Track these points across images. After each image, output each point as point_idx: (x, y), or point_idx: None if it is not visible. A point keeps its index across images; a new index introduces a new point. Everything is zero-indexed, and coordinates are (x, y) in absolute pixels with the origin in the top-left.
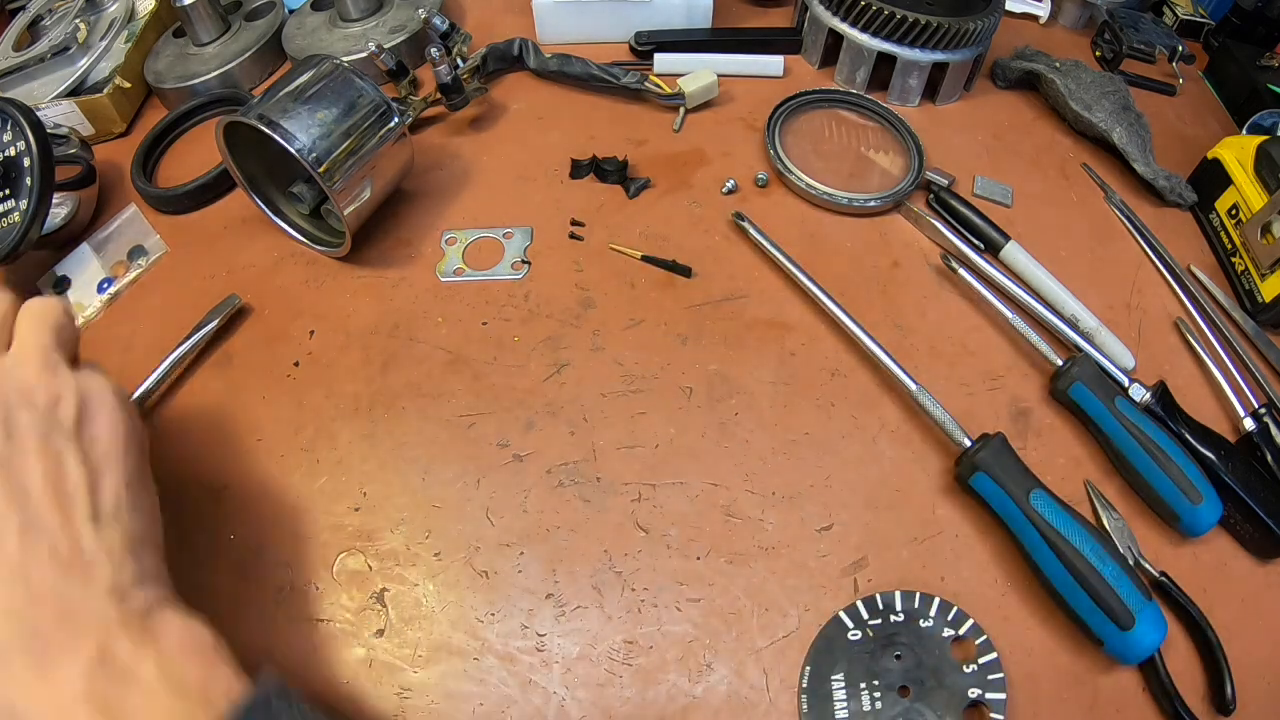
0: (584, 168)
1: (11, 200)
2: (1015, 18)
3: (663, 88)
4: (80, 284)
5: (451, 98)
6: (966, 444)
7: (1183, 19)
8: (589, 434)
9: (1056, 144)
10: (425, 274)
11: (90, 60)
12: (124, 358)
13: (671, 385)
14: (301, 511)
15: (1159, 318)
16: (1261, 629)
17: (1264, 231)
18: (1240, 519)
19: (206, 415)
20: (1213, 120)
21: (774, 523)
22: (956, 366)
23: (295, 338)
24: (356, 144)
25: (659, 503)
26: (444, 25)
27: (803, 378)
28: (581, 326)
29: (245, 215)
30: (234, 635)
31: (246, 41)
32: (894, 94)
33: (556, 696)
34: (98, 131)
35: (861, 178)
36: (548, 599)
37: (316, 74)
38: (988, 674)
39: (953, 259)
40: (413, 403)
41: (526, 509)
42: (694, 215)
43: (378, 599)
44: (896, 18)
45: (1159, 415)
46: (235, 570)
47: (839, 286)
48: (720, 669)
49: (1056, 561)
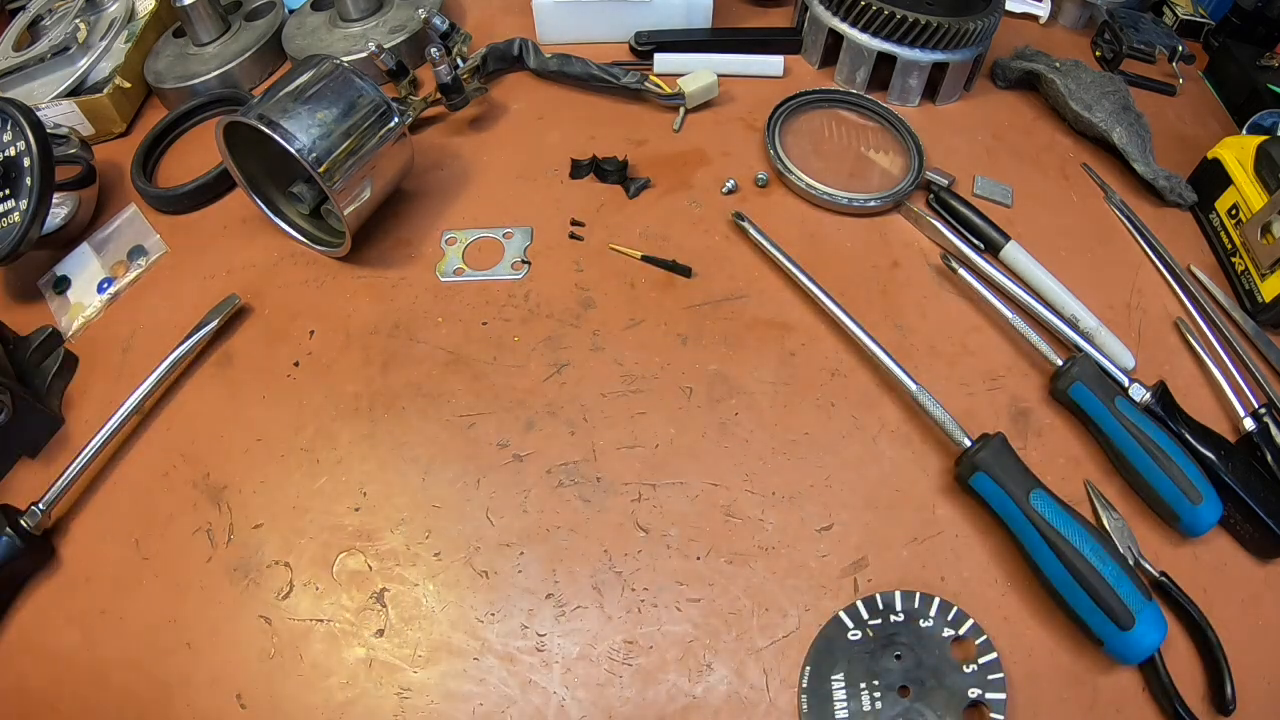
0: (584, 168)
1: (11, 200)
2: (1015, 18)
3: (663, 88)
4: (80, 284)
5: (451, 98)
6: (966, 444)
7: (1183, 19)
8: (589, 434)
9: (1056, 144)
10: (425, 274)
11: (90, 60)
12: (124, 358)
13: (671, 385)
14: (301, 511)
15: (1159, 318)
16: (1261, 629)
17: (1264, 231)
18: (1240, 519)
19: (206, 415)
20: (1213, 120)
21: (774, 523)
22: (956, 366)
23: (295, 338)
24: (356, 144)
25: (659, 503)
26: (444, 25)
27: (803, 378)
28: (581, 326)
29: (245, 215)
30: (234, 636)
31: (246, 41)
32: (894, 94)
33: (556, 696)
34: (98, 131)
35: (861, 178)
36: (548, 599)
37: (316, 74)
38: (988, 674)
39: (953, 259)
40: (413, 403)
41: (526, 509)
42: (694, 215)
43: (378, 599)
44: (896, 18)
45: (1159, 415)
46: (235, 570)
47: (839, 286)
48: (720, 669)
49: (1056, 561)
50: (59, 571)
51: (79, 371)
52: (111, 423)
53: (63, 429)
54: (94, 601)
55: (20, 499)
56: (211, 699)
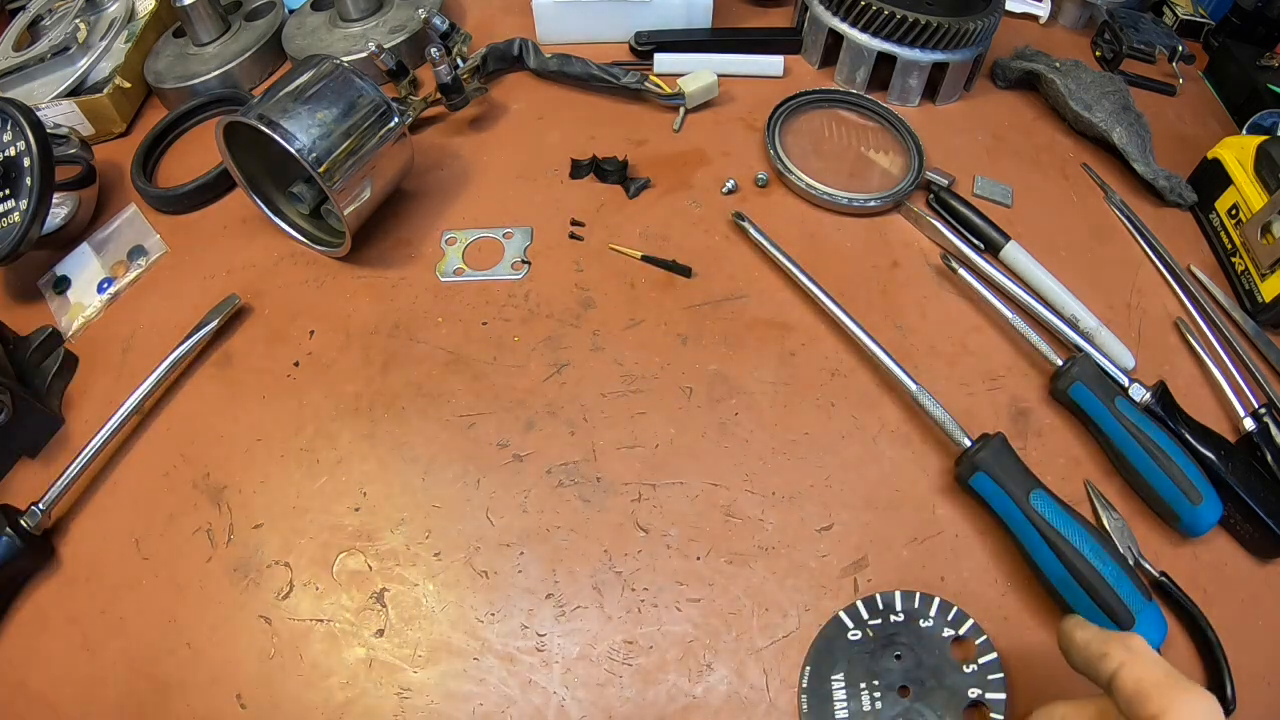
0: (584, 168)
1: (11, 200)
2: (1015, 18)
3: (663, 88)
4: (80, 284)
5: (451, 98)
6: (966, 444)
7: (1183, 19)
8: (589, 434)
9: (1056, 144)
10: (425, 274)
11: (90, 60)
12: (124, 358)
13: (671, 385)
14: (301, 511)
15: (1159, 318)
16: (1261, 629)
17: (1264, 231)
18: (1240, 519)
19: (206, 415)
20: (1213, 120)
21: (774, 523)
22: (956, 366)
23: (295, 338)
24: (356, 144)
25: (659, 503)
26: (444, 25)
27: (803, 378)
28: (581, 326)
29: (245, 215)
30: (234, 636)
31: (246, 41)
32: (894, 94)
33: (556, 696)
34: (98, 131)
35: (861, 178)
36: (548, 599)
37: (316, 74)
38: (988, 674)
39: (953, 259)
40: (413, 403)
41: (526, 509)
42: (694, 215)
43: (378, 599)
44: (896, 18)
45: (1159, 415)
46: (235, 570)
47: (839, 286)
48: (720, 669)
49: (1056, 561)
50: (59, 571)
51: (79, 371)
52: (111, 423)
53: (63, 429)
54: (94, 601)
55: (20, 499)
56: (211, 699)
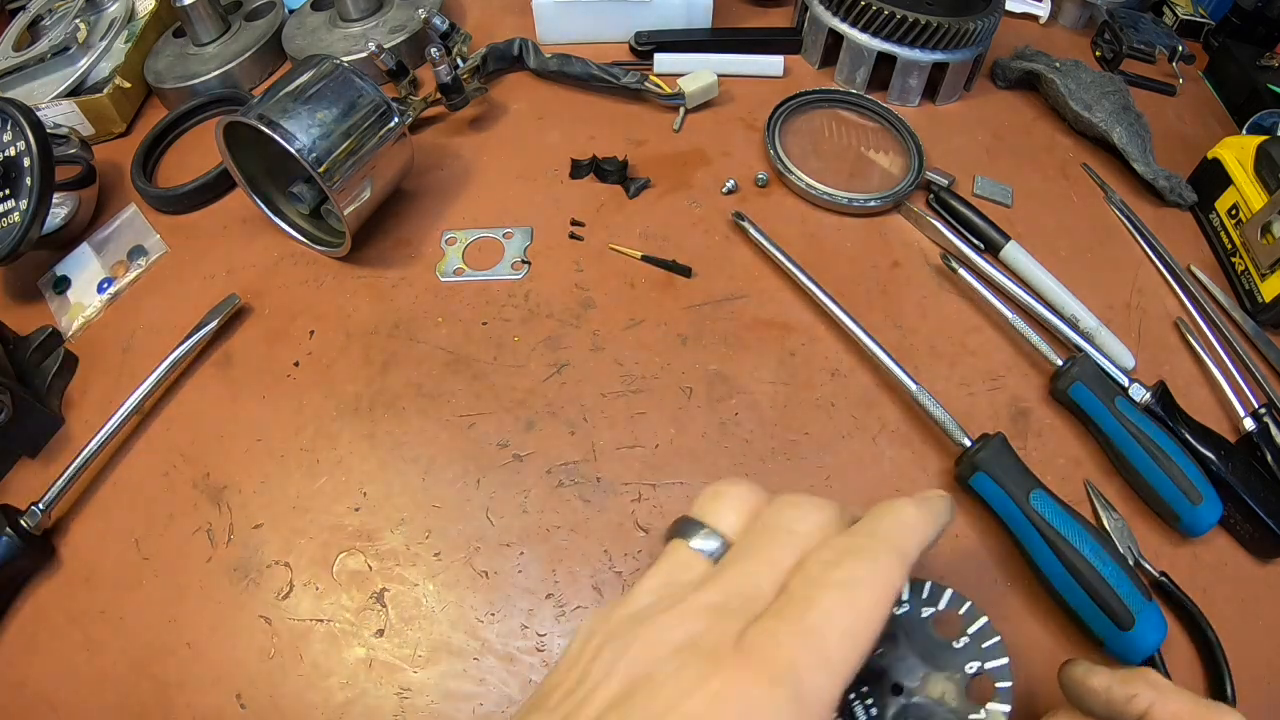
0: (584, 168)
1: (11, 200)
2: (1015, 18)
3: (663, 88)
4: (80, 284)
5: (451, 98)
6: (966, 444)
7: (1183, 19)
8: (589, 434)
9: (1056, 144)
10: (425, 274)
11: (90, 60)
12: (124, 358)
13: (671, 385)
14: (301, 511)
15: (1159, 318)
16: (1261, 629)
17: (1264, 231)
18: (1240, 519)
19: (206, 415)
20: (1213, 120)
21: None
22: (956, 366)
23: (295, 338)
24: (356, 144)
25: (659, 503)
26: (444, 25)
27: (803, 378)
28: (581, 326)
29: (245, 215)
30: (234, 636)
31: (246, 41)
32: (894, 94)
33: None
34: (98, 131)
35: (861, 178)
36: (548, 599)
37: (316, 74)
38: (981, 643)
39: (953, 259)
40: (413, 403)
41: (526, 509)
42: (694, 215)
43: (378, 599)
44: (896, 18)
45: (1159, 415)
46: (235, 570)
47: (839, 286)
48: None
49: (1056, 562)
50: (59, 571)
51: (79, 371)
52: (111, 423)
53: (63, 429)
54: (94, 601)
55: (20, 499)
56: (211, 699)
